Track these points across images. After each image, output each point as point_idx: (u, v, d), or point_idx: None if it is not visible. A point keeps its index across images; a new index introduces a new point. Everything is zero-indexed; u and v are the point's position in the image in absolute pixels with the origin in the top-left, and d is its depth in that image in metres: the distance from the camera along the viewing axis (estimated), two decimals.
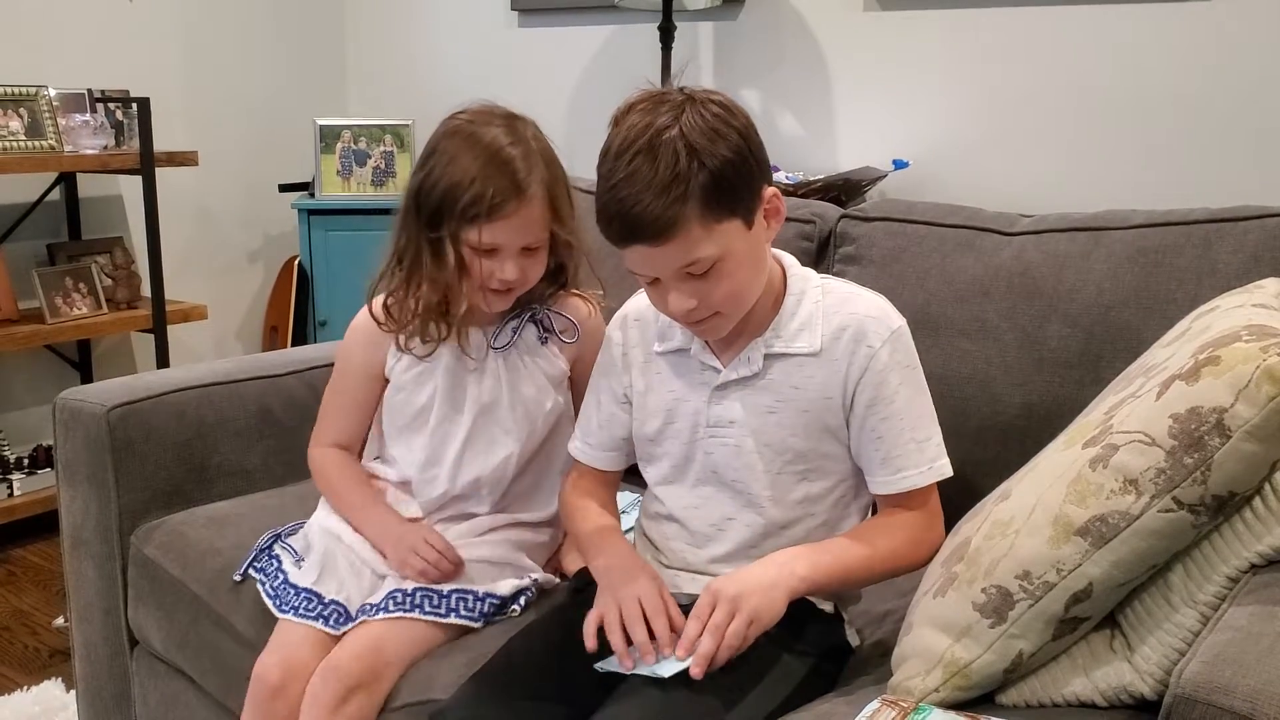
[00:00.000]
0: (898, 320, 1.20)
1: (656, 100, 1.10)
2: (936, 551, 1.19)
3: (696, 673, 1.06)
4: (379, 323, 1.40)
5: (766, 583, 1.11)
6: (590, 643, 1.13)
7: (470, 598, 1.32)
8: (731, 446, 1.21)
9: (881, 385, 1.17)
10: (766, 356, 1.20)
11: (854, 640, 1.26)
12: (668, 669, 1.08)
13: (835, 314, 1.20)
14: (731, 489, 1.22)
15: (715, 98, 1.11)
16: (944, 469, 1.19)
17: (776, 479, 1.20)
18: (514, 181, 1.27)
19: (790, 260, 1.24)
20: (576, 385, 1.44)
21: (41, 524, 2.64)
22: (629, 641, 1.11)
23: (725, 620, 1.07)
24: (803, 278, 1.23)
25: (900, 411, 1.17)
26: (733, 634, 1.07)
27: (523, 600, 1.36)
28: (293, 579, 1.38)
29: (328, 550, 1.40)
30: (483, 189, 1.26)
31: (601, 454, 1.33)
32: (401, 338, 1.39)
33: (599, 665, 1.13)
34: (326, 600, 1.33)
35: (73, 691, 1.82)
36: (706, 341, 1.22)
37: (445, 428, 1.41)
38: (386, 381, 1.45)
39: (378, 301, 1.41)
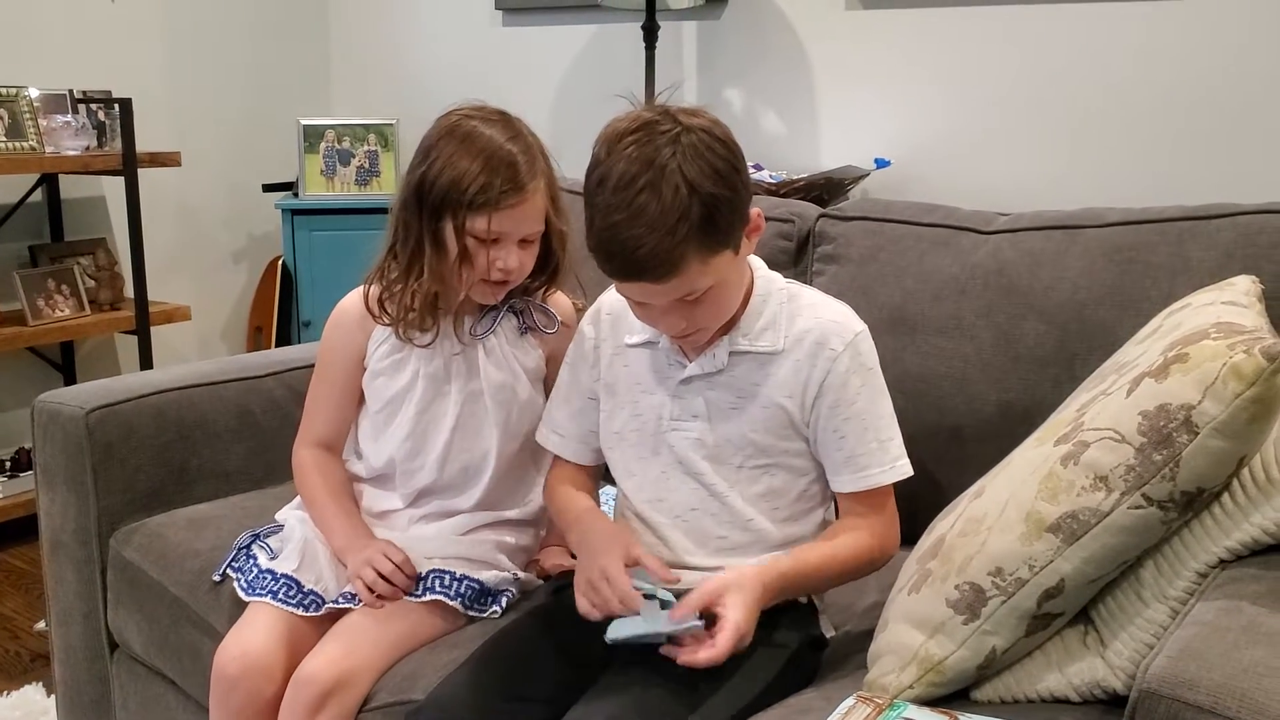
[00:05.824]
0: (859, 325, 1.24)
1: (648, 129, 1.10)
2: (891, 555, 1.24)
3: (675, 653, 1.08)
4: (373, 315, 1.40)
5: (756, 608, 1.11)
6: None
7: (447, 576, 1.33)
8: (694, 439, 1.23)
9: (844, 388, 1.20)
10: (731, 354, 1.22)
11: (828, 631, 1.28)
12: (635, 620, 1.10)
13: (798, 317, 1.23)
14: (696, 480, 1.24)
15: (704, 124, 1.12)
16: (905, 468, 1.23)
17: (738, 472, 1.23)
18: (520, 173, 1.31)
19: (758, 262, 1.27)
20: (550, 382, 1.44)
21: (24, 528, 2.62)
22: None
23: (727, 645, 1.07)
24: (768, 280, 1.26)
25: (862, 412, 1.20)
26: (712, 659, 1.07)
27: (504, 600, 1.36)
28: (267, 566, 1.38)
29: (308, 539, 1.40)
30: (490, 179, 1.29)
31: (578, 447, 1.35)
32: (401, 329, 1.38)
33: (609, 637, 1.13)
34: (305, 589, 1.34)
35: (53, 696, 1.81)
36: None
37: (430, 415, 1.41)
38: (365, 370, 1.45)
39: (373, 292, 1.41)
